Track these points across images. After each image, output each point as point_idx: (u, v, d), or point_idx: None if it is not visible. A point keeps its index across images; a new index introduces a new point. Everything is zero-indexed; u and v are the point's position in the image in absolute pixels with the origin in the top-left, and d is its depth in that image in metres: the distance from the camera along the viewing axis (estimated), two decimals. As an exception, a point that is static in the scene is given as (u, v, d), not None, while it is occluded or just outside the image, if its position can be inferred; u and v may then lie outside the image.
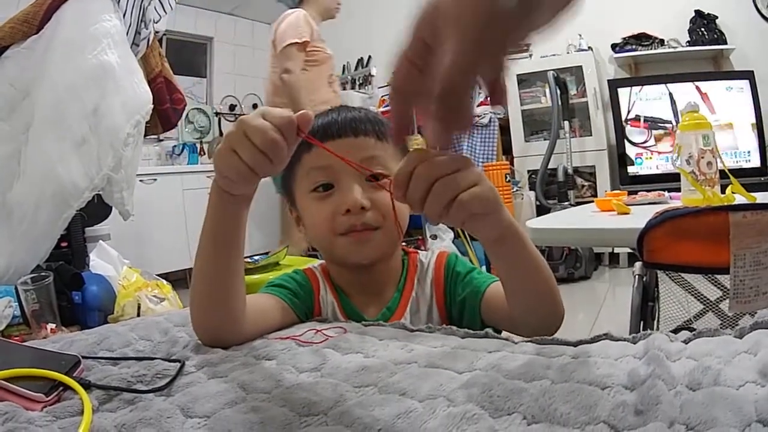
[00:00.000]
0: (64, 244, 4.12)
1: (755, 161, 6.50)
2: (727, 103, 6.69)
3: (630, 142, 7.14)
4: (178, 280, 7.61)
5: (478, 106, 7.86)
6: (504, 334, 1.25)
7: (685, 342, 1.04)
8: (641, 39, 7.43)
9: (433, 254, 1.77)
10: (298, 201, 1.66)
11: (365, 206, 1.50)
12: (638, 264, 2.53)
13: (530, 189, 7.43)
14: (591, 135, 7.50)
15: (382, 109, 7.96)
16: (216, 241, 1.31)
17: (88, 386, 1.01)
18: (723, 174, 2.45)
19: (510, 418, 0.81)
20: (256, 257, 5.50)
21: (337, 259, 1.67)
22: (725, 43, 7.00)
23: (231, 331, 1.31)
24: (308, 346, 1.24)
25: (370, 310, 1.66)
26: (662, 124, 7.03)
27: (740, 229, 1.56)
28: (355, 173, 1.52)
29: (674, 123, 6.86)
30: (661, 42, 7.37)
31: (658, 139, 7.03)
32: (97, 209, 4.08)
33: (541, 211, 7.03)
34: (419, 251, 1.80)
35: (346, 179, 1.53)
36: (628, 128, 7.15)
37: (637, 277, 2.54)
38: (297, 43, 5.80)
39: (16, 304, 3.18)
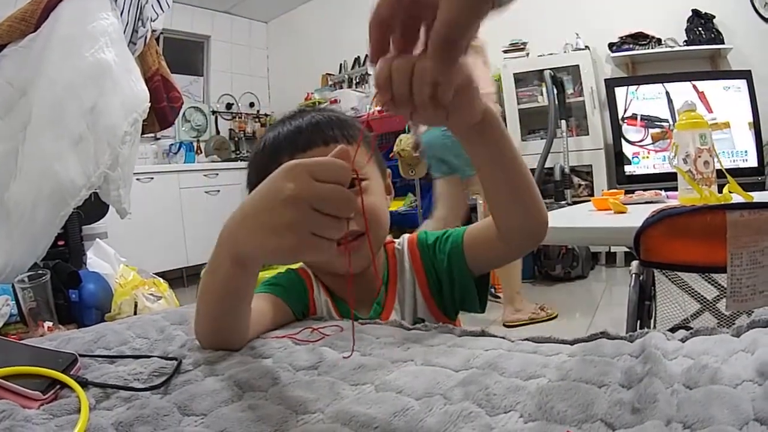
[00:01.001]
0: (61, 243, 4.13)
1: (752, 161, 6.50)
2: (725, 103, 6.69)
3: (627, 140, 7.13)
4: (175, 278, 7.61)
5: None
6: (500, 332, 1.24)
7: (682, 340, 1.04)
8: (638, 38, 7.42)
9: (404, 239, 1.78)
10: None
11: (348, 218, 1.46)
12: (635, 263, 2.53)
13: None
14: (588, 134, 7.49)
15: (379, 108, 7.94)
16: (225, 301, 1.22)
17: (85, 384, 1.01)
18: (720, 173, 2.45)
19: (507, 416, 0.81)
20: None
21: (322, 269, 1.68)
22: (722, 42, 7.00)
23: (235, 345, 1.28)
24: (305, 345, 1.24)
25: (361, 308, 1.66)
26: (659, 123, 7.03)
27: (737, 228, 1.56)
28: None
29: (671, 122, 6.86)
30: (659, 41, 7.36)
31: (655, 138, 7.03)
32: (94, 207, 4.08)
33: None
34: (394, 240, 1.80)
35: None
36: (624, 127, 7.14)
37: (633, 275, 2.54)
38: None
39: (14, 302, 3.18)
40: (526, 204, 1.37)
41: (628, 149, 7.05)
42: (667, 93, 6.97)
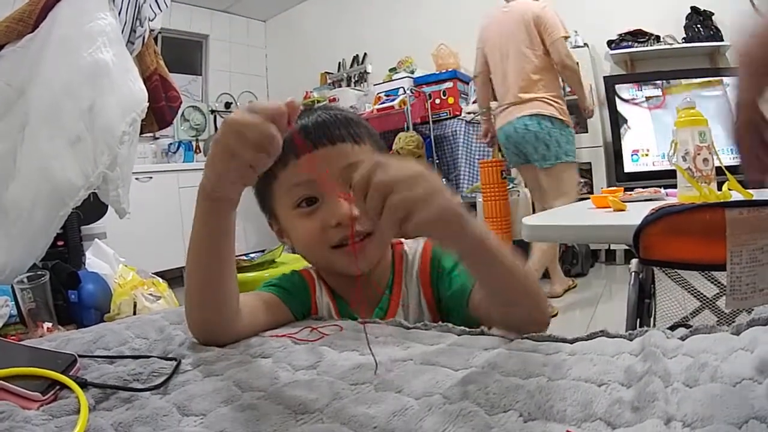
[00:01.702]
0: (60, 243, 4.13)
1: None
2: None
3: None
4: (174, 278, 7.58)
5: (473, 102, 7.87)
6: (499, 331, 1.24)
7: (682, 339, 1.04)
8: (637, 35, 7.42)
9: (419, 245, 1.75)
10: (280, 217, 1.63)
11: (355, 216, 1.44)
12: (634, 261, 2.54)
13: (526, 186, 7.43)
14: (587, 132, 7.48)
15: (377, 107, 7.96)
16: (207, 248, 1.29)
17: (84, 385, 1.01)
18: (720, 170, 2.45)
19: (506, 415, 0.81)
20: (252, 255, 5.51)
21: (332, 271, 1.66)
22: (721, 39, 6.99)
23: (225, 330, 1.30)
24: (304, 344, 1.24)
25: (364, 311, 1.63)
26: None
27: (737, 226, 1.56)
28: (339, 183, 1.49)
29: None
30: (657, 38, 7.36)
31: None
32: (93, 208, 4.07)
33: (537, 207, 7.03)
34: (404, 241, 1.78)
35: (331, 191, 1.50)
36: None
37: (633, 274, 2.55)
38: (566, 36, 5.79)
39: (13, 303, 3.18)
40: (523, 314, 1.32)
41: (626, 147, 7.04)
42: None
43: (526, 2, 5.77)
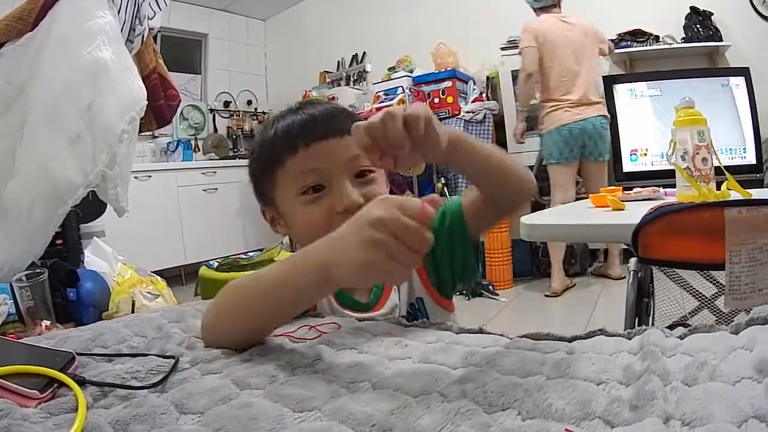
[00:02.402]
0: (59, 242, 4.13)
1: (751, 158, 6.50)
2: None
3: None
4: (172, 277, 7.61)
5: (472, 101, 7.87)
6: (498, 330, 1.24)
7: (681, 338, 1.04)
8: (636, 35, 7.42)
9: None
10: (280, 204, 1.64)
11: (361, 204, 1.46)
12: (633, 260, 2.54)
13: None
14: (585, 132, 7.50)
15: (376, 105, 7.96)
16: (284, 305, 1.24)
17: (82, 383, 1.01)
18: (718, 170, 2.45)
19: (504, 413, 0.81)
20: (250, 253, 5.52)
21: None
22: (720, 39, 7.00)
23: (247, 346, 1.28)
24: (302, 343, 1.24)
25: (360, 293, 1.68)
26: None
27: (735, 225, 1.56)
28: (346, 172, 1.54)
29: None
30: (657, 38, 7.36)
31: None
32: (91, 206, 4.08)
33: (536, 207, 6.99)
34: None
35: (338, 179, 1.53)
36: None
37: (632, 272, 2.55)
38: None
39: (11, 301, 3.18)
40: (512, 185, 1.54)
41: (625, 147, 7.03)
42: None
43: (582, 18, 6.46)
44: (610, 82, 7.23)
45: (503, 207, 1.63)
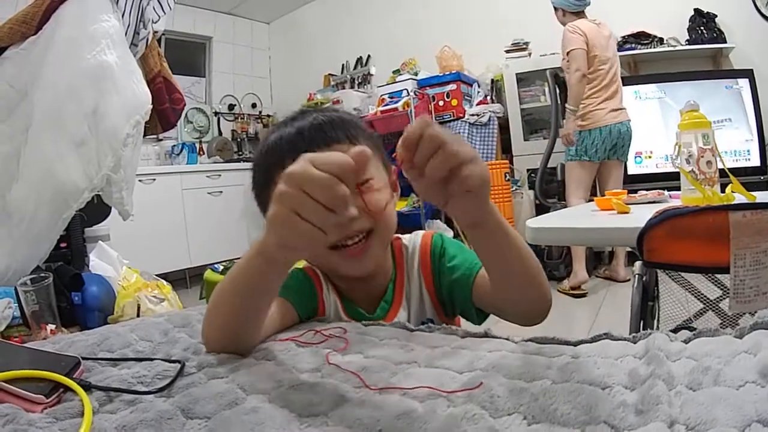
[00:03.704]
0: (63, 245, 4.12)
1: (755, 160, 6.50)
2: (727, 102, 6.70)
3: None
4: (177, 280, 7.61)
5: (477, 104, 7.88)
6: (504, 333, 1.24)
7: (685, 342, 1.04)
8: (640, 37, 7.42)
9: (417, 236, 1.76)
10: None
11: (354, 216, 1.43)
12: (638, 263, 2.54)
13: (529, 188, 7.43)
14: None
15: (381, 108, 7.96)
16: (244, 303, 1.23)
17: (88, 388, 1.01)
18: (723, 173, 2.45)
19: (510, 418, 0.81)
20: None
21: (330, 272, 1.67)
22: (724, 41, 7.00)
23: (243, 350, 1.26)
24: (308, 347, 1.24)
25: (369, 307, 1.66)
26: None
27: (740, 229, 1.56)
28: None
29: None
30: (661, 41, 7.35)
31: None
32: (96, 210, 4.08)
33: (541, 210, 7.03)
34: (402, 236, 1.79)
35: None
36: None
37: (636, 276, 2.54)
38: None
39: (16, 305, 3.18)
40: (529, 296, 1.36)
41: (630, 147, 7.03)
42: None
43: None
44: (615, 84, 7.24)
45: (509, 313, 1.48)
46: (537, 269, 1.33)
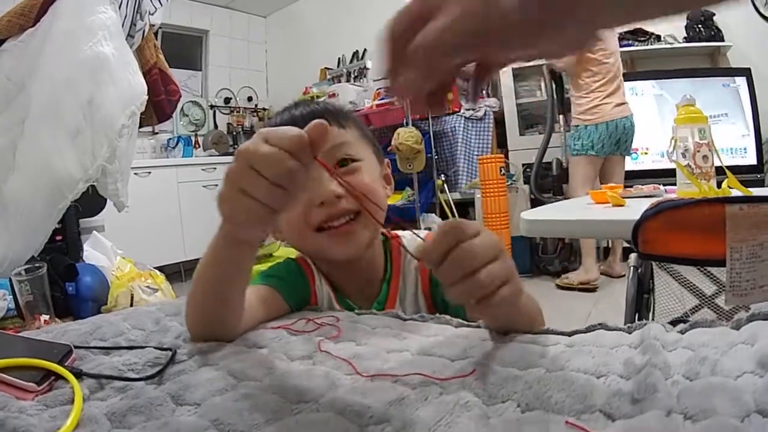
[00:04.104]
0: (59, 238, 4.13)
1: (751, 158, 6.51)
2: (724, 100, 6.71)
3: None
4: (172, 273, 7.62)
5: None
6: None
7: (681, 332, 1.03)
8: (637, 34, 7.42)
9: (418, 236, 1.73)
10: None
11: (339, 194, 1.44)
12: (633, 255, 2.54)
13: (525, 182, 7.44)
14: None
15: (377, 102, 7.97)
16: (215, 287, 1.22)
17: (79, 375, 1.01)
18: (719, 170, 2.45)
19: (504, 405, 0.81)
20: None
21: (317, 256, 1.65)
22: (722, 40, 7.00)
23: (224, 337, 1.25)
24: (300, 335, 1.24)
25: (362, 303, 1.63)
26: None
27: (736, 222, 1.56)
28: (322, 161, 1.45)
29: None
30: (658, 38, 7.36)
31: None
32: (91, 201, 4.08)
33: (536, 204, 7.03)
34: (403, 233, 1.76)
35: (314, 170, 1.43)
36: None
37: (632, 268, 2.55)
38: None
39: (11, 297, 3.19)
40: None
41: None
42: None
43: None
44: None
45: None
46: (540, 322, 1.25)
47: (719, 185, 2.36)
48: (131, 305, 3.42)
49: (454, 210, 7.69)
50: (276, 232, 1.65)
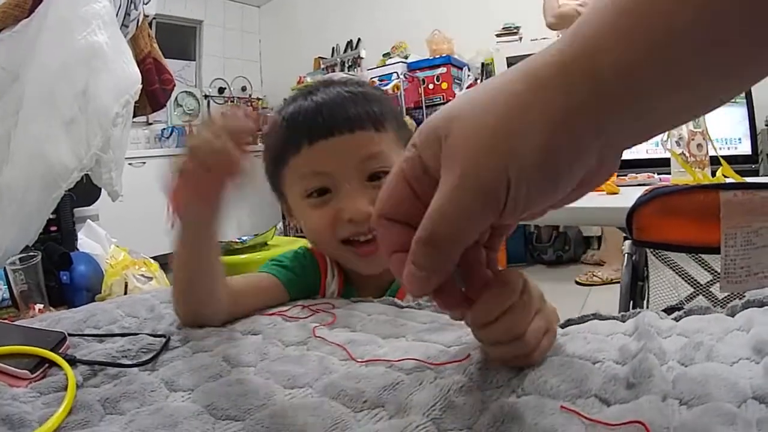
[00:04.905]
0: (53, 229, 4.12)
1: (746, 148, 6.50)
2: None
3: None
4: (167, 262, 7.62)
5: (467, 88, 7.88)
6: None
7: (676, 319, 1.03)
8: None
9: None
10: (291, 203, 1.55)
11: (369, 213, 1.34)
12: (627, 242, 2.54)
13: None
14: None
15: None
16: (189, 262, 1.27)
17: (73, 362, 1.01)
18: (714, 161, 2.45)
19: (499, 390, 0.81)
20: (244, 237, 5.52)
21: (341, 263, 1.60)
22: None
23: (211, 320, 1.26)
24: (294, 321, 1.24)
25: (372, 293, 1.55)
26: None
27: (731, 208, 1.56)
28: (354, 176, 1.41)
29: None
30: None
31: None
32: (86, 191, 4.08)
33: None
34: None
35: (345, 184, 1.40)
36: None
37: (626, 255, 2.55)
38: None
39: (5, 287, 3.18)
40: None
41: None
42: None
43: None
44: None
45: None
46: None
47: (714, 175, 2.37)
48: (125, 293, 3.43)
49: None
50: (292, 218, 1.62)
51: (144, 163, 8.14)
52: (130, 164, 6.29)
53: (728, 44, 0.50)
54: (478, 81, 8.12)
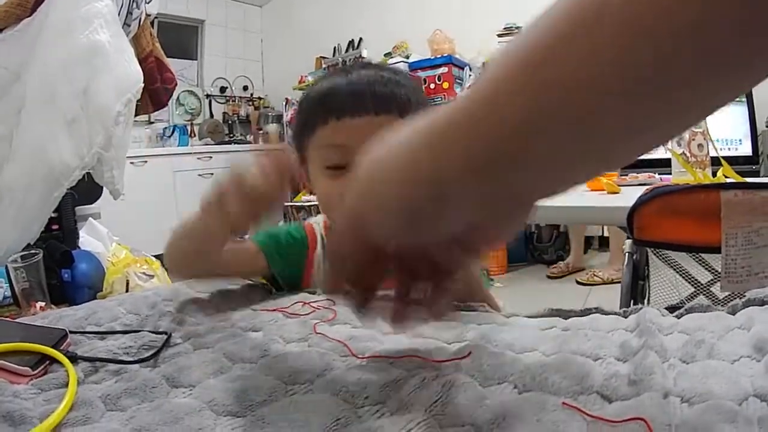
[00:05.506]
0: (55, 227, 4.12)
1: (746, 149, 6.49)
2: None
3: None
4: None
5: (468, 87, 7.89)
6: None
7: (677, 317, 1.03)
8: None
9: None
10: (309, 168, 1.57)
11: None
12: (628, 241, 2.54)
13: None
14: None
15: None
16: (202, 243, 1.35)
17: (74, 359, 1.01)
18: (714, 162, 2.45)
19: (500, 387, 0.81)
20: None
21: None
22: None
23: (201, 269, 1.36)
24: (296, 318, 1.24)
25: None
26: None
27: (731, 208, 1.56)
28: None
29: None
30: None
31: None
32: (88, 189, 4.08)
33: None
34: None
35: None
36: None
37: (627, 254, 2.55)
38: None
39: (7, 285, 3.18)
40: None
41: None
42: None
43: None
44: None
45: None
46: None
47: (714, 175, 2.37)
48: (127, 291, 3.43)
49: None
50: (306, 182, 1.62)
51: (145, 161, 8.14)
52: (131, 163, 6.29)
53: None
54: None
